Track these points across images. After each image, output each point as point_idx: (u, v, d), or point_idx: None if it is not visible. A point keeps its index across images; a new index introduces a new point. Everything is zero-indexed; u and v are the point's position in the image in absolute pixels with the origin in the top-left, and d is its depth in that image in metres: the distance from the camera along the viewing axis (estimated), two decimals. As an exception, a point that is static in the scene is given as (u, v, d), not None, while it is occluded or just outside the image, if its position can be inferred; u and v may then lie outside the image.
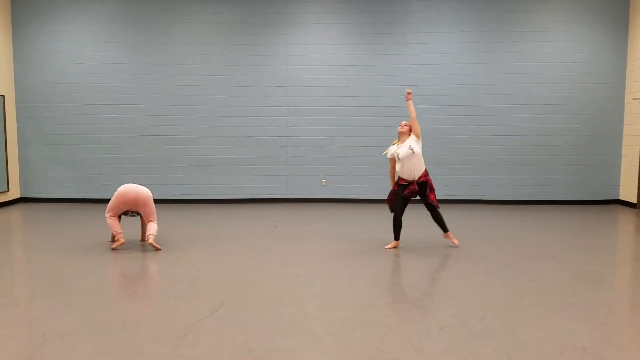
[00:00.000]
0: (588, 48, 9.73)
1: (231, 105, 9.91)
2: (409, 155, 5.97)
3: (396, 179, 6.29)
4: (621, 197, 9.88)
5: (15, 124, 9.92)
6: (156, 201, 9.89)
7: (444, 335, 3.66)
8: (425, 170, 6.18)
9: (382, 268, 5.50)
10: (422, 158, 6.09)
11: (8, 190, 9.64)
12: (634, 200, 9.48)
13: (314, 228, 7.66)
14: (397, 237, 6.29)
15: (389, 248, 6.29)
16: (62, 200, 10.00)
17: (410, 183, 6.07)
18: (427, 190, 6.14)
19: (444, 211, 6.78)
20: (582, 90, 9.78)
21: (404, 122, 6.24)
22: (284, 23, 9.79)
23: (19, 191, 10.01)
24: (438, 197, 10.08)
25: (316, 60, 9.84)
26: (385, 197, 6.82)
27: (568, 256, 5.97)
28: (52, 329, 3.76)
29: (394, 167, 6.25)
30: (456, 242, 6.40)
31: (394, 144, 6.28)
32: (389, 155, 6.28)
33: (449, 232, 6.38)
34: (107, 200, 9.71)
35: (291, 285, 4.86)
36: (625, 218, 8.62)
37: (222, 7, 9.77)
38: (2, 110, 9.50)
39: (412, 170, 6.03)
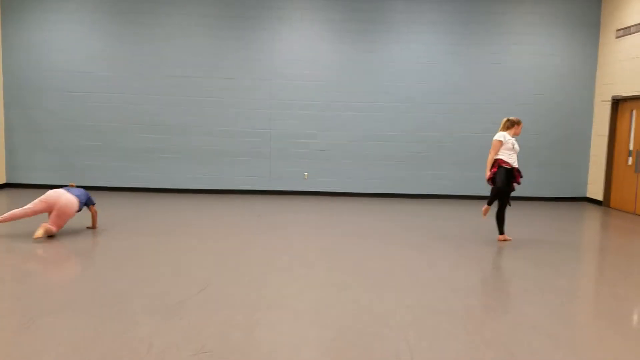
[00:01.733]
0: (561, 51, 10.18)
1: (216, 97, 10.15)
2: (516, 150, 6.44)
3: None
4: (588, 195, 10.39)
5: (2, 111, 10.03)
6: (140, 189, 10.20)
7: (410, 312, 4.02)
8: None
9: (357, 255, 5.84)
10: None
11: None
12: (600, 198, 9.98)
13: (296, 218, 7.98)
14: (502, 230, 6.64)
15: (501, 240, 6.62)
16: (47, 186, 10.13)
17: (513, 169, 6.40)
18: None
19: (420, 205, 7.14)
20: (555, 91, 10.24)
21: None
22: (270, 18, 10.04)
23: (4, 177, 10.14)
24: (416, 191, 10.54)
25: (300, 56, 10.12)
26: (363, 190, 7.10)
27: (533, 248, 6.39)
28: (47, 303, 4.03)
29: (496, 152, 6.45)
30: (509, 238, 6.73)
31: (506, 132, 6.48)
32: (501, 139, 6.42)
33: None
34: (91, 188, 10.00)
35: (273, 268, 5.18)
36: (591, 214, 9.11)
37: (209, 1, 9.99)
38: (-11, 97, 9.61)
39: (515, 160, 6.45)
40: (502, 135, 6.47)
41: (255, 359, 3.23)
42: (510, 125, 6.58)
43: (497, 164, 6.44)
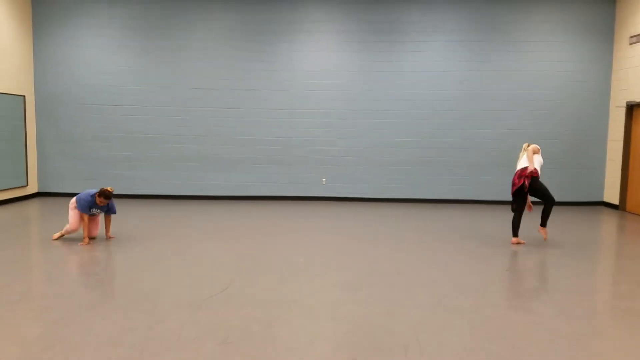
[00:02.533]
0: (576, 57, 10.32)
1: (238, 107, 10.53)
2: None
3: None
4: (605, 199, 10.46)
5: (35, 123, 10.56)
6: (165, 197, 10.61)
7: (420, 310, 4.27)
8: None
9: (371, 257, 6.10)
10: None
11: (27, 184, 10.28)
12: (616, 202, 10.06)
13: (313, 222, 8.27)
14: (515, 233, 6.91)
15: (514, 243, 6.87)
16: (77, 194, 10.61)
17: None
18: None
19: (438, 210, 7.34)
20: (570, 97, 10.37)
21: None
22: (289, 31, 10.40)
23: (37, 186, 10.65)
24: (432, 196, 10.77)
25: (318, 66, 10.45)
26: (380, 196, 7.35)
27: (546, 250, 6.57)
28: (84, 301, 4.39)
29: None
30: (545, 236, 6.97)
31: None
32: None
33: (544, 228, 6.89)
34: (120, 196, 10.44)
35: (291, 270, 5.47)
36: (607, 218, 9.20)
37: (231, 15, 10.40)
38: (23, 110, 10.15)
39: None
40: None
41: (274, 349, 3.51)
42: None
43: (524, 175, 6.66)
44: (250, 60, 10.46)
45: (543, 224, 6.83)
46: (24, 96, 10.19)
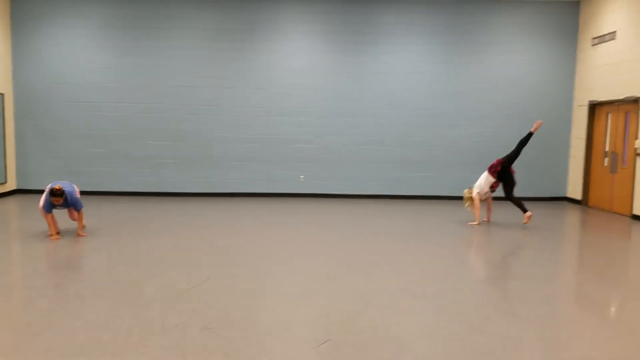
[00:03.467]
0: (541, 58, 10.78)
1: (216, 105, 10.73)
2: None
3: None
4: (568, 195, 10.97)
5: (13, 120, 10.60)
6: (144, 194, 10.75)
7: (389, 296, 4.59)
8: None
9: (346, 249, 6.40)
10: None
11: (6, 182, 10.32)
12: (579, 197, 10.56)
13: (292, 218, 8.55)
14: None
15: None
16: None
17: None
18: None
19: (410, 205, 7.67)
20: (535, 97, 10.83)
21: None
22: (266, 30, 10.64)
23: (15, 183, 10.70)
24: (405, 192, 11.16)
25: (295, 66, 10.72)
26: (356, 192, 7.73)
27: (511, 242, 6.97)
28: (70, 292, 4.59)
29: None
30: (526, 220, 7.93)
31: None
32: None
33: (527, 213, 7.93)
34: (98, 193, 10.56)
35: (270, 262, 5.74)
36: (570, 212, 9.68)
37: (210, 15, 10.59)
38: (2, 108, 10.18)
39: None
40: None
41: (253, 332, 3.79)
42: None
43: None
44: (228, 59, 10.66)
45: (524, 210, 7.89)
46: (3, 94, 10.22)
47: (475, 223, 8.04)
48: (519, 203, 8.00)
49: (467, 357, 3.43)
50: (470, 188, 8.17)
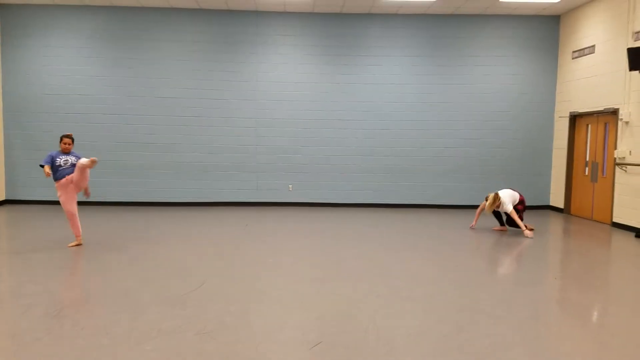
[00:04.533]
0: (523, 71, 11.09)
1: (205, 116, 10.86)
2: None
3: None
4: (551, 203, 11.24)
5: (2, 131, 10.61)
6: (135, 204, 10.80)
7: (379, 300, 4.74)
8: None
9: (336, 256, 6.54)
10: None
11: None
12: (561, 206, 10.83)
13: (281, 226, 8.68)
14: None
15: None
16: (45, 202, 10.71)
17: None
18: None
19: (398, 214, 7.83)
20: (518, 108, 11.13)
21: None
22: (255, 43, 10.82)
23: (4, 194, 10.68)
24: (392, 201, 11.34)
25: (283, 78, 10.90)
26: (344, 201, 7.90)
27: (496, 249, 7.16)
28: (67, 298, 4.67)
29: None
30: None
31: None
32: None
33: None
34: (88, 203, 10.58)
35: (261, 268, 5.86)
36: (553, 220, 9.93)
37: (199, 27, 10.75)
38: (-10, 118, 10.20)
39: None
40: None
41: (247, 336, 3.90)
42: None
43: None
44: (217, 71, 10.81)
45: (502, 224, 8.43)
46: (-9, 105, 10.25)
47: (500, 228, 8.55)
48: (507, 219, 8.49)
49: (455, 356, 3.58)
50: (496, 194, 8.16)
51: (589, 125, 10.21)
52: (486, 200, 8.24)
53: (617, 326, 4.28)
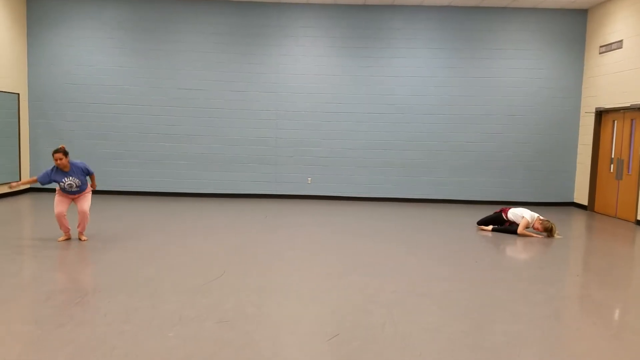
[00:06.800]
0: (548, 65, 10.90)
1: (226, 108, 10.93)
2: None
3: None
4: (575, 200, 11.07)
5: (28, 121, 10.83)
6: (156, 194, 10.94)
7: (395, 295, 4.73)
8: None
9: (354, 250, 6.55)
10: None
11: (20, 180, 10.52)
12: (585, 203, 10.66)
13: (300, 219, 8.71)
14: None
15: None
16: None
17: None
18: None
19: (417, 209, 7.79)
20: (543, 103, 10.95)
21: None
22: (276, 35, 10.83)
23: (29, 182, 10.90)
24: (413, 196, 11.29)
25: (304, 70, 10.90)
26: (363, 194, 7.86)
27: (515, 244, 7.09)
28: (89, 286, 4.77)
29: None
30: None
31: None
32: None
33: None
34: (111, 192, 10.76)
35: (280, 260, 5.90)
36: (576, 218, 9.78)
37: (221, 19, 10.79)
38: (17, 108, 10.41)
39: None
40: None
41: (265, 326, 3.94)
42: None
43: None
44: (239, 63, 10.86)
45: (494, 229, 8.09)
46: (18, 94, 10.45)
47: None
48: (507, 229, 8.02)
49: (471, 353, 3.57)
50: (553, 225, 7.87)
51: (615, 122, 10.00)
52: (540, 223, 7.75)
53: (639, 325, 4.21)
